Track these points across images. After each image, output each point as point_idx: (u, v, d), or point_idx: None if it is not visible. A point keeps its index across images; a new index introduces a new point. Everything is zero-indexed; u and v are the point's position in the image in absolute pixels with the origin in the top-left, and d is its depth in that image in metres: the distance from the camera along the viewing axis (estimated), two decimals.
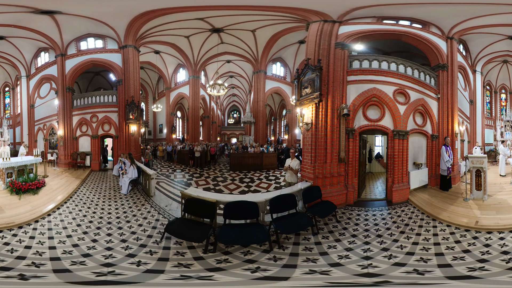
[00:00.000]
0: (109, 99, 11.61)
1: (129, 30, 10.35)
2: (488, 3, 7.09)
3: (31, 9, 8.38)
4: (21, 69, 12.46)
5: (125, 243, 5.16)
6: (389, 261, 4.05)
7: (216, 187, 9.46)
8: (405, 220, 5.95)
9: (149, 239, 5.31)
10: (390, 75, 7.77)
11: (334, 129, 7.38)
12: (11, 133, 12.45)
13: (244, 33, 12.98)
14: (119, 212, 6.81)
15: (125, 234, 5.57)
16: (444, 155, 7.87)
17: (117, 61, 11.38)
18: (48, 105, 12.06)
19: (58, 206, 7.13)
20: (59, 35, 10.85)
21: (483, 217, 5.45)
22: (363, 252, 4.46)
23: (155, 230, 5.80)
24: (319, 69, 7.39)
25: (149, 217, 6.55)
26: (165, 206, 7.39)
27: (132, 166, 8.97)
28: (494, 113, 13.53)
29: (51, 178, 9.76)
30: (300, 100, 7.94)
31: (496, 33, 9.22)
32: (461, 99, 9.86)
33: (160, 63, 15.87)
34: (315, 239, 5.06)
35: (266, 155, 13.28)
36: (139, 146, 12.05)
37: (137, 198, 8.08)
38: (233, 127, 23.32)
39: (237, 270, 4.00)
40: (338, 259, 4.23)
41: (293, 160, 7.36)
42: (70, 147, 11.32)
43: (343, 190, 7.34)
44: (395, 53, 10.39)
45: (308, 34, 8.40)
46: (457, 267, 3.58)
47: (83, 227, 5.86)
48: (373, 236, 5.14)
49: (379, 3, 7.52)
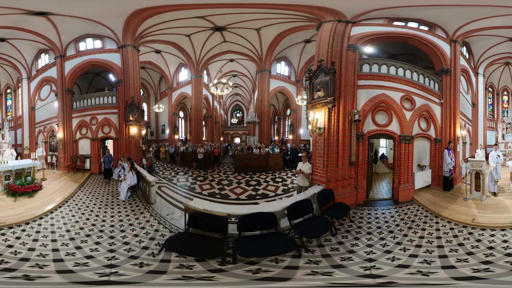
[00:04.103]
0: (108, 100, 11.37)
1: (126, 30, 10.07)
2: (490, 5, 7.15)
3: (23, 11, 8.19)
4: (22, 71, 12.38)
5: (112, 253, 4.88)
6: (404, 253, 4.70)
7: (222, 192, 9.10)
8: (411, 217, 6.46)
9: (144, 251, 5.00)
10: (398, 81, 8.00)
11: (345, 134, 7.49)
12: (13, 135, 12.42)
13: (248, 32, 12.59)
14: (114, 220, 6.52)
15: (116, 244, 5.28)
16: (447, 158, 8.26)
17: (116, 61, 11.12)
18: (48, 107, 11.95)
19: (52, 210, 7.02)
20: (57, 36, 10.68)
21: (480, 216, 5.95)
22: (382, 247, 5.01)
23: (153, 241, 5.41)
24: (333, 73, 7.34)
25: (148, 227, 6.14)
26: (166, 215, 6.92)
27: (132, 172, 8.60)
28: (496, 115, 13.65)
29: (49, 181, 9.63)
30: (312, 103, 7.80)
31: (498, 35, 9.34)
32: (463, 102, 10.02)
33: (161, 63, 15.60)
34: (335, 239, 5.35)
35: (271, 156, 12.88)
36: (140, 149, 11.78)
37: (136, 206, 7.69)
38: (236, 126, 22.98)
39: (298, 275, 4.09)
40: (367, 255, 4.69)
41: (304, 164, 7.31)
42: (70, 150, 11.16)
43: (353, 191, 7.58)
44: (400, 55, 10.75)
45: (320, 34, 8.23)
46: (450, 258, 4.35)
47: (71, 233, 5.67)
48: (385, 232, 5.65)
49: (396, 5, 7.60)
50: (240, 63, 17.29)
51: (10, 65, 12.43)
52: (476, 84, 11.63)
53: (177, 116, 17.98)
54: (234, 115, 23.82)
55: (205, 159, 12.82)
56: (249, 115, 17.60)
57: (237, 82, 19.06)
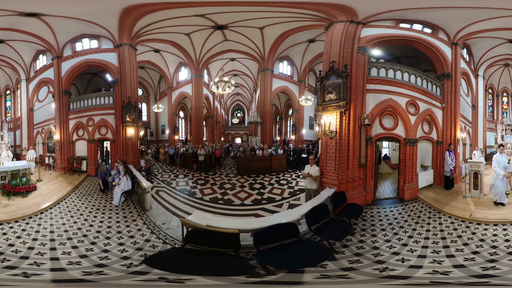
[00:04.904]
0: (105, 100, 11.18)
1: (122, 28, 9.84)
2: (489, 7, 7.29)
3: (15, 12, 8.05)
4: (21, 72, 12.35)
5: (82, 258, 4.64)
6: (417, 245, 5.20)
7: (225, 197, 8.61)
8: (417, 213, 6.99)
9: (121, 261, 4.64)
10: (404, 86, 8.27)
11: (355, 137, 7.67)
12: (12, 136, 12.40)
13: (251, 30, 12.25)
14: (102, 226, 6.25)
15: (94, 250, 5.00)
16: (448, 159, 8.66)
17: (113, 61, 10.91)
18: (46, 109, 11.87)
19: (42, 211, 6.97)
20: (53, 37, 10.55)
21: (476, 212, 6.49)
22: (398, 241, 5.41)
23: (139, 252, 4.94)
24: (346, 76, 7.38)
25: (138, 236, 5.69)
26: (162, 224, 6.34)
27: (126, 176, 8.19)
28: (496, 116, 13.88)
29: (45, 182, 9.55)
30: (323, 105, 7.78)
31: (498, 37, 9.49)
32: (463, 104, 10.30)
33: (160, 62, 15.39)
34: (355, 239, 5.58)
35: (275, 157, 12.47)
36: (137, 150, 11.56)
37: (129, 212, 7.25)
38: (237, 126, 22.67)
39: (359, 276, 4.28)
40: (390, 249, 5.05)
41: (312, 167, 7.29)
42: (67, 151, 11.04)
43: (362, 192, 7.83)
44: (404, 57, 11.04)
45: (331, 34, 8.18)
46: (451, 248, 4.98)
47: (54, 234, 5.58)
48: (397, 228, 6.09)
49: (408, 7, 7.66)
50: (241, 62, 16.96)
51: (9, 66, 12.41)
52: (476, 86, 11.82)
53: (177, 116, 17.74)
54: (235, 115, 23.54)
55: (206, 160, 12.41)
56: (251, 115, 17.25)
57: (238, 82, 18.74)
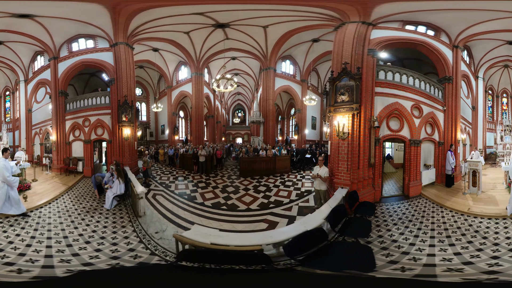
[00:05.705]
0: (101, 100, 11.02)
1: (116, 27, 9.66)
2: (489, 10, 7.52)
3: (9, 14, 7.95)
4: (20, 73, 12.34)
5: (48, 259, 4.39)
6: (426, 235, 5.78)
7: (228, 201, 8.02)
8: (422, 208, 7.60)
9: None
10: (409, 90, 8.65)
11: (365, 138, 7.95)
12: (11, 137, 12.41)
13: (254, 29, 11.95)
14: (87, 230, 5.94)
15: (64, 252, 4.70)
16: (449, 158, 9.28)
17: (109, 60, 10.75)
18: (44, 110, 11.80)
19: (32, 209, 6.85)
20: (49, 37, 10.46)
21: (474, 206, 7.19)
22: (410, 233, 5.89)
23: (111, 261, 4.39)
24: (359, 78, 7.46)
25: (122, 244, 5.20)
26: (154, 233, 5.70)
27: (119, 179, 7.81)
28: (495, 116, 14.16)
29: (40, 182, 9.43)
30: (335, 106, 7.86)
31: (497, 38, 9.78)
32: (464, 106, 10.65)
33: (160, 61, 15.20)
34: (373, 234, 5.86)
35: (279, 158, 12.03)
36: (134, 151, 11.31)
37: (120, 217, 6.79)
38: (238, 126, 22.31)
39: (404, 261, 4.68)
40: (406, 241, 5.50)
41: (321, 168, 7.31)
42: (63, 152, 10.92)
43: (371, 190, 8.19)
44: (407, 59, 11.39)
45: (343, 35, 8.20)
46: (453, 237, 5.61)
47: (36, 233, 5.48)
48: (406, 222, 6.61)
49: (418, 9, 7.83)
50: (242, 61, 16.65)
51: (8, 67, 12.43)
52: (476, 88, 12.07)
53: (177, 115, 17.50)
54: (236, 115, 23.21)
55: (207, 162, 11.95)
56: (253, 114, 16.87)
57: (239, 81, 18.43)
